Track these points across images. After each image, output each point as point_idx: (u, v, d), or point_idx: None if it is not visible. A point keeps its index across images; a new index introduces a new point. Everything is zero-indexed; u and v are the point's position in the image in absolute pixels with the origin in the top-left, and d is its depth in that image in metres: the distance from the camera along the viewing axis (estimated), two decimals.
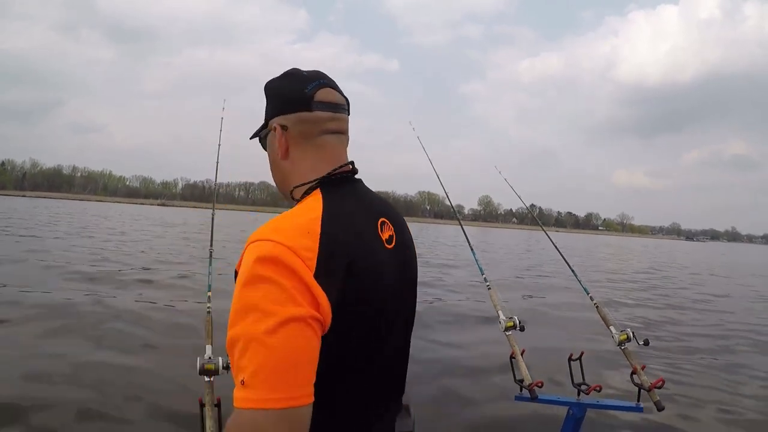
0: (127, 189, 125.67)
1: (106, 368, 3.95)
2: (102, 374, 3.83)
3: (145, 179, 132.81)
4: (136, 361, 4.17)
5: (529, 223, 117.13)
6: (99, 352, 4.36)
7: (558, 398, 2.13)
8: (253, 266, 0.68)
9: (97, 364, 4.04)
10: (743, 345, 5.56)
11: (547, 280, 11.01)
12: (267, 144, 0.93)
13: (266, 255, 0.68)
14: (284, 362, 0.65)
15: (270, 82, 0.94)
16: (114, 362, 4.11)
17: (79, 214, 32.64)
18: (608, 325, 2.25)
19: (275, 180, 0.94)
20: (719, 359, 4.89)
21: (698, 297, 9.91)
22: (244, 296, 0.67)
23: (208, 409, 1.53)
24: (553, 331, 6.00)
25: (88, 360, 4.10)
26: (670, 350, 5.20)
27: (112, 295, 6.75)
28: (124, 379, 3.77)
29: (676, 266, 22.00)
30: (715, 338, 5.79)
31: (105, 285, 7.52)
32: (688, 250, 47.06)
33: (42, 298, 6.18)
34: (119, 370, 3.93)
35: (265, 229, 0.73)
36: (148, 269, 9.71)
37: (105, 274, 8.52)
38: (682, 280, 14.18)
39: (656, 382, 1.98)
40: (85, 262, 9.88)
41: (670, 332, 6.08)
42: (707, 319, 7.12)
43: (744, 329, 6.53)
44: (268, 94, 0.93)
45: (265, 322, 0.65)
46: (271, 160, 0.93)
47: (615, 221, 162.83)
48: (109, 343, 4.62)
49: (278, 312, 0.65)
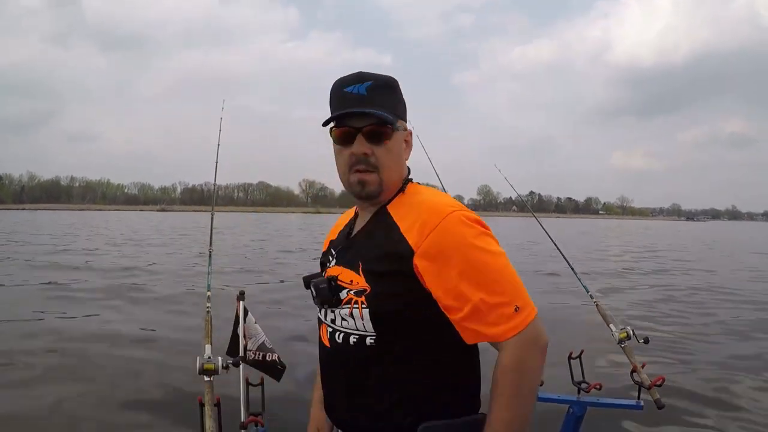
0: (126, 196, 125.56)
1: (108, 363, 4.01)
2: (102, 370, 3.90)
3: (144, 185, 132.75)
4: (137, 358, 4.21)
5: (528, 210, 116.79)
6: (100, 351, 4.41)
7: (558, 397, 2.14)
8: (476, 225, 0.94)
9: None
10: (746, 341, 5.52)
11: (545, 277, 11.00)
12: (391, 137, 1.01)
13: (476, 217, 0.95)
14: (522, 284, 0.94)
15: (397, 82, 1.05)
16: (115, 361, 4.17)
17: (109, 226, 32.53)
18: (608, 323, 2.25)
19: (391, 171, 1.03)
20: (721, 357, 4.86)
21: (698, 293, 9.86)
22: (490, 244, 0.94)
23: (208, 409, 1.54)
24: (552, 329, 5.95)
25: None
26: (671, 348, 5.18)
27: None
28: (125, 377, 3.82)
29: (678, 252, 22.00)
30: (715, 336, 5.74)
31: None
32: (688, 231, 46.97)
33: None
34: (120, 369, 3.99)
35: (450, 201, 0.99)
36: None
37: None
38: (683, 268, 14.19)
39: (656, 380, 1.98)
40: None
41: (671, 330, 6.07)
42: (708, 316, 7.09)
43: (746, 324, 6.49)
44: (399, 94, 1.05)
45: (506, 259, 0.94)
46: (395, 154, 1.04)
47: (615, 204, 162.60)
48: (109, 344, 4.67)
49: (503, 252, 0.95)
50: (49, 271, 9.80)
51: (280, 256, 14.49)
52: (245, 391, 1.74)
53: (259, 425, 1.63)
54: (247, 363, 1.84)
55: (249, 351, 1.88)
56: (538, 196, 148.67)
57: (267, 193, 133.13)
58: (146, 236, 22.22)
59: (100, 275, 9.41)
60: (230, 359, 1.73)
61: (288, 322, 6.04)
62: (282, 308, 6.91)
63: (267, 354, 1.96)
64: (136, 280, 8.87)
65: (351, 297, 0.98)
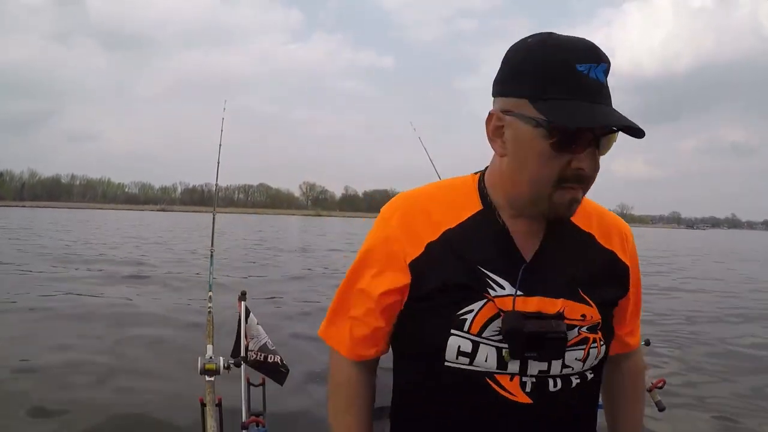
0: (126, 195, 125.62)
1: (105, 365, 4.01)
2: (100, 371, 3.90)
3: (144, 185, 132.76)
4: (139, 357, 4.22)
5: None
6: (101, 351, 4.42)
7: None
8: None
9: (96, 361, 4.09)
10: (747, 343, 5.51)
11: None
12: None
13: None
14: None
15: None
16: (116, 359, 4.18)
17: (130, 228, 32.53)
18: None
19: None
20: (721, 359, 4.85)
21: (698, 292, 9.87)
22: None
23: (209, 409, 1.55)
24: None
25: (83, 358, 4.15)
26: (672, 350, 5.17)
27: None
28: (127, 375, 3.82)
29: (681, 258, 21.97)
30: (716, 337, 5.74)
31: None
32: (688, 240, 46.94)
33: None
34: (119, 368, 3.99)
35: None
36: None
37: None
38: (685, 272, 14.18)
39: (657, 382, 1.98)
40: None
41: (672, 331, 6.06)
42: (708, 316, 7.09)
43: (748, 325, 6.47)
44: None
45: None
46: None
47: (615, 212, 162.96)
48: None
49: None
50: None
51: (280, 255, 14.54)
52: (246, 391, 1.75)
53: (260, 425, 1.63)
54: (248, 364, 1.84)
55: (250, 351, 1.88)
56: None
57: (267, 194, 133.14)
58: (175, 235, 22.37)
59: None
60: (231, 360, 1.73)
61: (287, 321, 6.05)
62: (281, 308, 6.92)
63: (269, 356, 1.96)
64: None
65: (584, 335, 0.76)
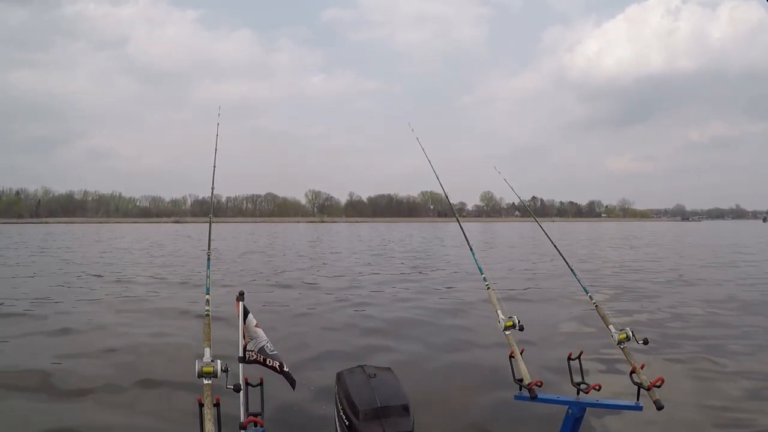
0: (138, 209, 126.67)
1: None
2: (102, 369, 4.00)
3: (155, 198, 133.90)
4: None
5: (530, 214, 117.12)
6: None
7: (557, 397, 2.13)
8: None
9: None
10: (746, 343, 5.40)
11: (545, 277, 10.92)
12: None
13: None
14: None
15: None
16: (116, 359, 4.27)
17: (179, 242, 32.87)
18: (607, 324, 2.25)
19: None
20: (721, 358, 4.78)
21: (698, 291, 9.73)
22: None
23: (207, 410, 1.55)
24: (552, 330, 5.92)
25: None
26: (670, 348, 5.10)
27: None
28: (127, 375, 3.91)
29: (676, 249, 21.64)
30: (716, 337, 5.64)
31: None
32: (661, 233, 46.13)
33: None
34: (120, 368, 4.10)
35: None
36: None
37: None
38: (683, 271, 13.95)
39: (655, 380, 1.97)
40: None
41: (671, 330, 5.98)
42: (709, 316, 6.98)
43: (748, 325, 6.35)
44: None
45: None
46: None
47: (617, 207, 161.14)
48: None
49: None
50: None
51: (280, 257, 14.69)
52: (245, 391, 1.75)
53: (258, 425, 1.63)
54: (247, 363, 1.85)
55: (249, 352, 1.88)
56: (540, 201, 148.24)
57: (275, 204, 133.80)
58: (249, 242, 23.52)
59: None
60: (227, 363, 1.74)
61: (287, 321, 6.07)
62: (281, 308, 6.94)
63: (267, 359, 1.97)
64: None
65: None
